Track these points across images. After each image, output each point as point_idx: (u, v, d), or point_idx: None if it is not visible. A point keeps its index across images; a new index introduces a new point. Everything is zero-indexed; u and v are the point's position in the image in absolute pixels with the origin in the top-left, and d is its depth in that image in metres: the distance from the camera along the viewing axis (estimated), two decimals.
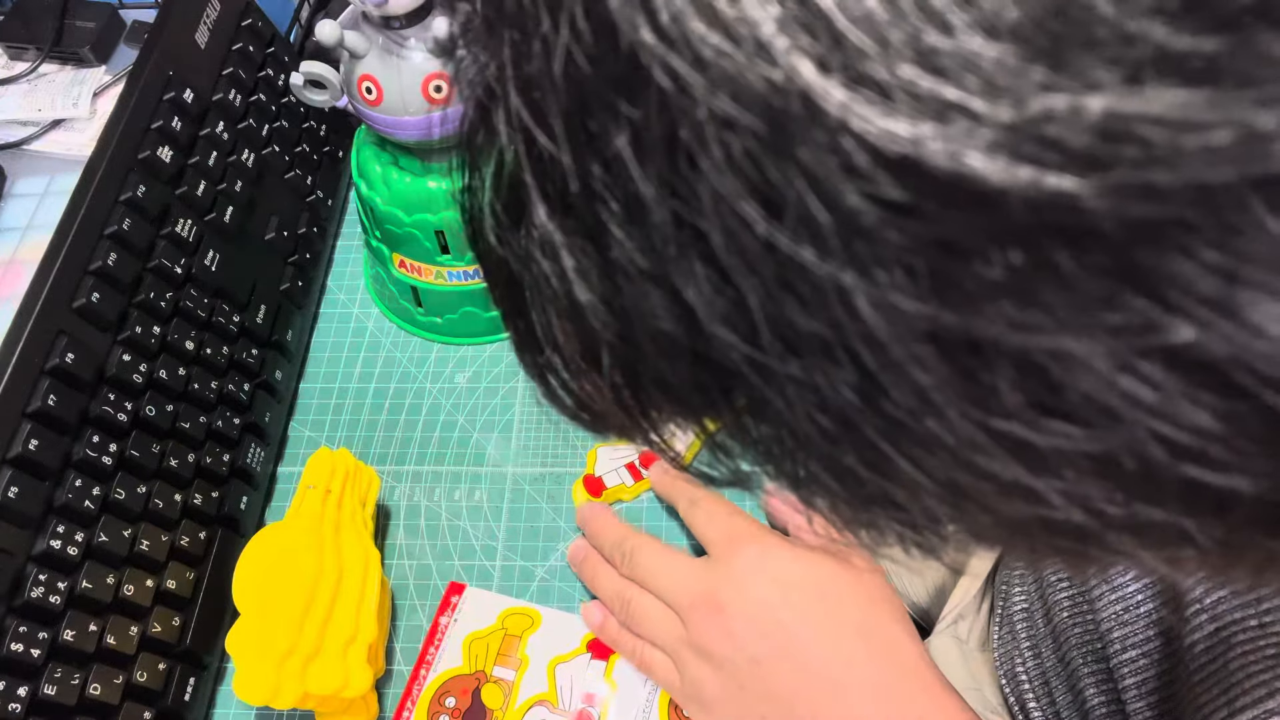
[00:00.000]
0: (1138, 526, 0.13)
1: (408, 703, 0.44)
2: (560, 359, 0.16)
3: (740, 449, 0.16)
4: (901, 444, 0.13)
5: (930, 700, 0.35)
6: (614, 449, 0.51)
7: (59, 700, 0.37)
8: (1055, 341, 0.11)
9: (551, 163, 0.14)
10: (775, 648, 0.36)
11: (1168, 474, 0.12)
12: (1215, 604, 0.36)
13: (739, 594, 0.38)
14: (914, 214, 0.11)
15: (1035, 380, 0.12)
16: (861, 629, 0.37)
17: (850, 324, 0.12)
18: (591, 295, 0.14)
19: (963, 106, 0.10)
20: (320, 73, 0.47)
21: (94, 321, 0.42)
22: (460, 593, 0.47)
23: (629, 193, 0.13)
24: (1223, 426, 0.11)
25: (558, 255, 0.14)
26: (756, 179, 0.12)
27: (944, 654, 0.59)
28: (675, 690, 0.40)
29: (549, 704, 0.43)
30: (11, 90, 0.64)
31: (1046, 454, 0.12)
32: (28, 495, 0.38)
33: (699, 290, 0.13)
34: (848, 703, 0.35)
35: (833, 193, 0.11)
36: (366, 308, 0.58)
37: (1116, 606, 0.43)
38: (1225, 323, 0.10)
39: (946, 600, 0.62)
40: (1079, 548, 0.14)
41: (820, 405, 0.13)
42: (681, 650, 0.38)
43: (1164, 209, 0.10)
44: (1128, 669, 0.43)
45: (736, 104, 0.11)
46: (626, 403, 0.16)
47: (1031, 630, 0.54)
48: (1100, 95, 0.10)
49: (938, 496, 0.14)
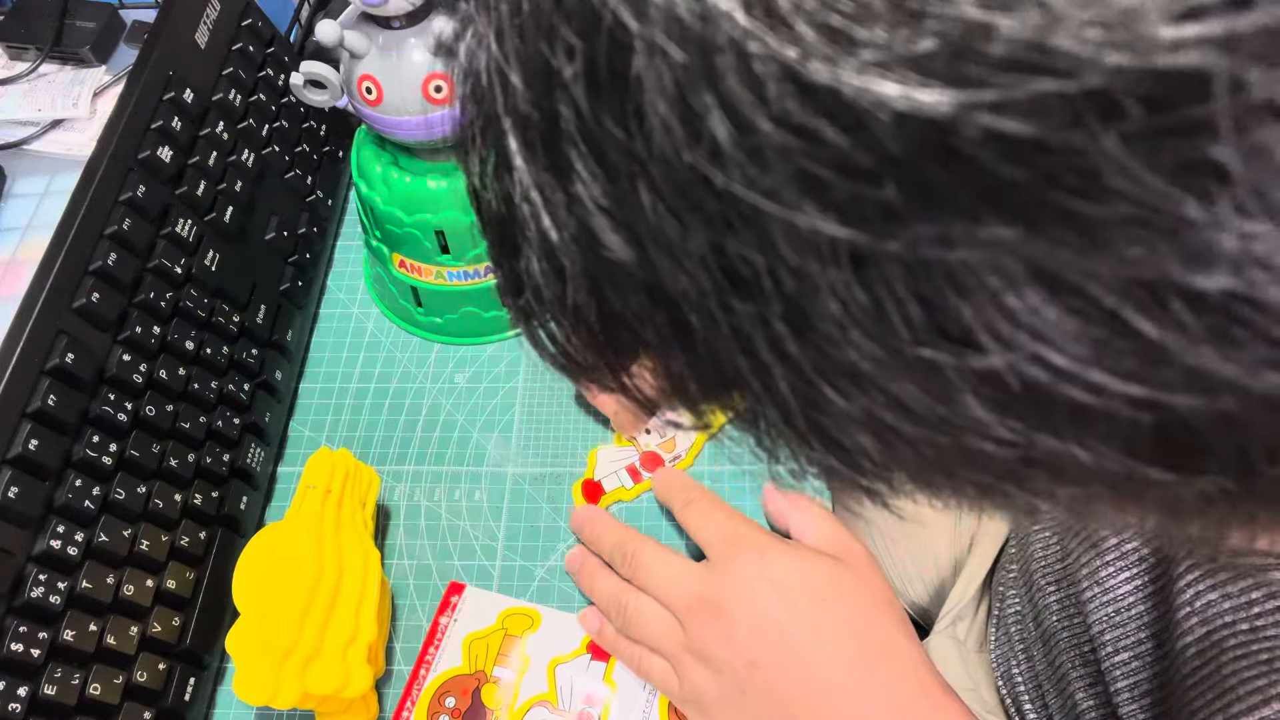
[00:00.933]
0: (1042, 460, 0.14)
1: (407, 702, 0.44)
2: (538, 301, 0.17)
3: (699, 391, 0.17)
4: (829, 374, 0.14)
5: (929, 703, 0.35)
6: (615, 450, 0.51)
7: (59, 700, 0.37)
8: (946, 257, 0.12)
9: (521, 103, 0.15)
10: (774, 651, 0.36)
11: (1051, 396, 0.13)
12: (1205, 607, 0.36)
13: (737, 597, 0.38)
14: (814, 138, 0.12)
15: (934, 303, 0.13)
16: (860, 632, 0.37)
17: (773, 250, 0.13)
18: (560, 233, 0.15)
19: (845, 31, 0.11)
20: (320, 73, 0.47)
21: (94, 321, 0.42)
22: (460, 593, 0.47)
23: (588, 129, 0.14)
24: (1092, 348, 0.12)
25: (530, 195, 0.15)
26: (683, 108, 0.13)
27: (942, 654, 0.59)
28: (674, 695, 0.40)
29: (549, 704, 0.44)
30: (11, 90, 0.64)
31: (948, 378, 0.13)
32: (28, 495, 0.38)
33: (646, 222, 0.14)
34: (847, 706, 0.35)
35: (745, 118, 0.12)
36: (366, 308, 0.58)
37: (1108, 609, 0.43)
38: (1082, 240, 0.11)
39: (945, 601, 0.62)
40: (998, 484, 0.16)
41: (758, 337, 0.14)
42: (680, 655, 0.38)
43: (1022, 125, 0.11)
44: (1120, 671, 0.43)
45: (666, 36, 0.12)
46: (600, 345, 0.17)
47: (1024, 633, 0.54)
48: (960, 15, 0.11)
49: (866, 429, 0.15)
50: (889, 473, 0.16)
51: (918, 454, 0.15)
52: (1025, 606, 0.54)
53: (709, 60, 0.12)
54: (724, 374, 0.16)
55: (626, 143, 0.14)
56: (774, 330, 0.14)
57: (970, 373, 0.13)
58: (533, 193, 0.15)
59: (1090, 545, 0.44)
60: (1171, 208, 0.11)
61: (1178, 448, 0.13)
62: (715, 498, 0.43)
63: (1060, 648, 0.49)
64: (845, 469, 0.16)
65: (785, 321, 0.14)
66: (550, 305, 0.17)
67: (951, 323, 0.13)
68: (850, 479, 0.17)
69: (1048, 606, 0.50)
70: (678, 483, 0.45)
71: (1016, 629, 0.55)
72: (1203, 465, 0.14)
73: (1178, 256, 0.11)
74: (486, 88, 0.16)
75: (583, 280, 0.16)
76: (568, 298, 0.16)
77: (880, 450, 0.15)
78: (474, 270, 0.52)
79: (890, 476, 0.17)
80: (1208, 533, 0.17)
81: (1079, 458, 0.14)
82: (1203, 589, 0.36)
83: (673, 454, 0.51)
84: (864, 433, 0.15)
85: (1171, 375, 0.12)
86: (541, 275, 0.16)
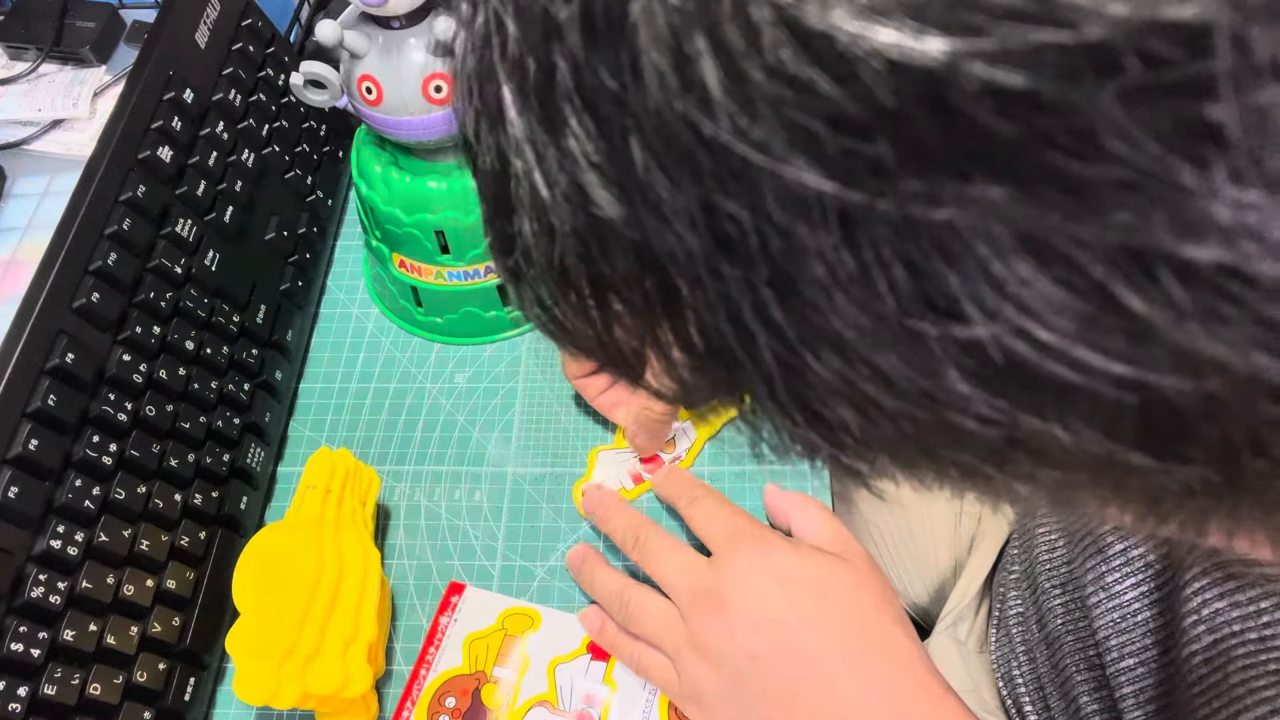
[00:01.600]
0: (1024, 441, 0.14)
1: (407, 703, 0.44)
2: (527, 263, 0.17)
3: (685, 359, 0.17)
4: (812, 342, 0.14)
5: (929, 701, 0.35)
6: (615, 452, 0.51)
7: (59, 700, 0.37)
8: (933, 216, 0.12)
9: (517, 53, 0.15)
10: (775, 645, 0.36)
11: (1035, 372, 0.13)
12: (1213, 615, 0.36)
13: (741, 591, 0.38)
14: (806, 88, 0.12)
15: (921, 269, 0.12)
16: (862, 629, 0.37)
17: (761, 209, 0.13)
18: (551, 190, 0.15)
19: None
20: (320, 73, 0.47)
21: (94, 321, 0.42)
22: (460, 593, 0.47)
23: (582, 81, 0.14)
24: (1077, 323, 0.12)
25: (523, 150, 0.15)
26: (676, 55, 0.12)
27: (943, 655, 0.59)
28: (674, 691, 0.40)
29: (549, 705, 0.43)
30: (11, 90, 0.64)
31: (931, 349, 0.13)
32: (28, 495, 0.38)
33: (636, 179, 0.14)
34: (845, 700, 0.35)
35: (738, 66, 0.12)
36: (366, 308, 0.58)
37: (1114, 614, 0.43)
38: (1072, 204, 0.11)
39: (945, 600, 0.62)
40: (980, 466, 0.15)
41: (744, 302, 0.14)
42: (681, 649, 0.38)
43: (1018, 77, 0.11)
44: (1125, 677, 0.43)
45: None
46: (587, 310, 0.17)
47: (1026, 636, 0.54)
48: None
49: (848, 402, 0.15)
50: (870, 451, 0.16)
51: (899, 430, 0.15)
52: (1028, 608, 0.54)
53: (705, 4, 0.12)
54: (710, 342, 0.16)
55: (620, 94, 0.13)
56: (760, 295, 0.14)
57: (954, 344, 0.13)
58: (525, 148, 0.15)
59: (1096, 550, 0.44)
60: (1166, 173, 0.11)
61: (1161, 432, 0.13)
62: (719, 495, 0.43)
63: (1064, 651, 0.49)
64: (827, 445, 0.16)
65: (771, 286, 0.14)
66: (539, 267, 0.17)
67: (938, 291, 0.12)
68: (832, 456, 0.17)
69: (1052, 610, 0.50)
70: (682, 480, 0.45)
71: (1018, 630, 0.55)
72: (1186, 453, 0.13)
73: (1169, 225, 0.11)
74: (484, 38, 0.15)
75: (572, 241, 0.16)
76: (556, 258, 0.16)
77: (861, 425, 0.15)
78: (474, 270, 0.52)
79: (872, 455, 0.16)
80: (1188, 529, 0.16)
81: (1061, 439, 0.14)
82: (1210, 597, 0.36)
83: (673, 455, 0.51)
84: (846, 405, 0.15)
85: (1157, 354, 0.12)
86: (532, 235, 0.16)
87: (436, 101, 0.45)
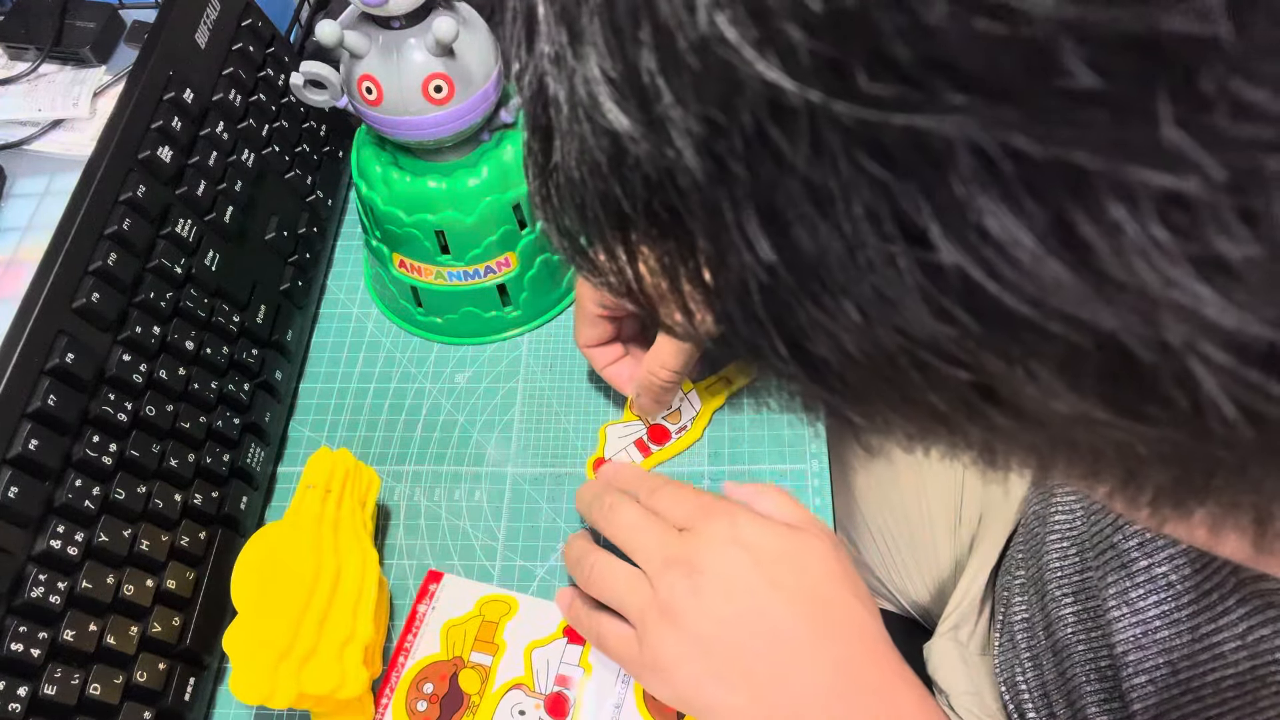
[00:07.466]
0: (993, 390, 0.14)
1: (386, 689, 0.44)
2: (555, 187, 0.18)
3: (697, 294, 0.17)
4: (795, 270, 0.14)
5: (878, 671, 0.36)
6: (623, 426, 0.52)
7: (59, 700, 0.37)
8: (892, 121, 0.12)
9: None
10: (743, 610, 0.37)
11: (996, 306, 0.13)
12: (1257, 642, 0.36)
13: (713, 557, 0.38)
14: None
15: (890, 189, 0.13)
16: (827, 601, 0.37)
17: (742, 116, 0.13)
18: (573, 107, 0.16)
19: None
20: (320, 73, 0.47)
21: (94, 321, 0.42)
22: (438, 581, 0.47)
23: None
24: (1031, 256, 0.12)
25: (551, 72, 0.16)
26: None
27: (944, 657, 0.59)
28: (634, 661, 0.39)
29: (525, 687, 0.44)
30: (11, 90, 0.64)
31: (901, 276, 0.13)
32: (28, 495, 0.38)
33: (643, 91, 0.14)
34: (808, 670, 0.36)
35: None
36: (366, 308, 0.58)
37: (1135, 630, 0.43)
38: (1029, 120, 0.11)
39: (947, 600, 0.62)
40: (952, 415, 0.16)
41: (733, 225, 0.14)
42: (646, 612, 0.38)
43: None
44: (1137, 694, 0.43)
45: None
46: (607, 238, 0.17)
47: (1032, 641, 0.54)
48: None
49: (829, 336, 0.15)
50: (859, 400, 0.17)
51: (876, 371, 0.15)
52: (1035, 615, 0.54)
53: None
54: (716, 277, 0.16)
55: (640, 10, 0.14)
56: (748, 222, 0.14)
57: (920, 270, 0.13)
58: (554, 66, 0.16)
59: (1120, 565, 0.44)
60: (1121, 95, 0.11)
61: (1122, 385, 0.13)
62: (678, 482, 0.43)
63: (1074, 660, 0.49)
64: (818, 388, 0.16)
65: (758, 210, 0.14)
66: (564, 190, 0.17)
67: (905, 216, 0.13)
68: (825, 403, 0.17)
69: (1062, 618, 0.50)
70: (633, 473, 0.45)
71: (1024, 636, 0.55)
72: (1149, 411, 0.13)
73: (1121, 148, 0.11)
74: None
75: (590, 158, 0.16)
76: (577, 178, 0.17)
77: (842, 362, 0.15)
78: (474, 270, 0.52)
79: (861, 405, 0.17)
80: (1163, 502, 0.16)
81: (1027, 390, 0.14)
82: (1256, 623, 0.36)
83: (678, 425, 0.51)
84: (828, 340, 0.15)
85: (1108, 291, 0.12)
86: (560, 155, 0.17)
87: (436, 101, 0.45)
